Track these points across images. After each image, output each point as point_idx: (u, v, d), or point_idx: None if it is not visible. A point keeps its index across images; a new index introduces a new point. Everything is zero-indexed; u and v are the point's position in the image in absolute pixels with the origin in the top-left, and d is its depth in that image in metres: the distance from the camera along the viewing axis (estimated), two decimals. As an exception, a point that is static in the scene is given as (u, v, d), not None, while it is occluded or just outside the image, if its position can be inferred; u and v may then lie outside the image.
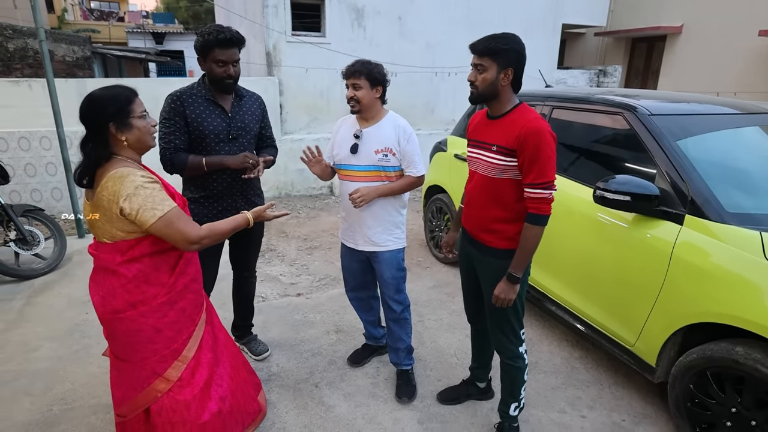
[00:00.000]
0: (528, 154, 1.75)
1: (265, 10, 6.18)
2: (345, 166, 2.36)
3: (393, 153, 2.30)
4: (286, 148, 6.32)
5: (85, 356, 2.77)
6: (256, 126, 2.46)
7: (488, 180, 1.91)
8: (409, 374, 2.59)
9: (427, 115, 7.22)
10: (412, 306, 3.40)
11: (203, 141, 2.28)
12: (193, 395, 1.84)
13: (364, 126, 2.33)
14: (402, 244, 2.47)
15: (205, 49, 2.19)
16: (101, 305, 1.70)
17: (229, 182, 2.36)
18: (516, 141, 1.78)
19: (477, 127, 2.01)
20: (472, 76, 1.85)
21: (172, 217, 1.61)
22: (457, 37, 7.19)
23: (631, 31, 9.78)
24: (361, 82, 2.22)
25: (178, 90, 2.29)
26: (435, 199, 4.27)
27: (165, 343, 1.77)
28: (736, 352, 1.91)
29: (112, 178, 1.58)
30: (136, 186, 1.57)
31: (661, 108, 2.58)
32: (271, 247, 4.60)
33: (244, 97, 2.43)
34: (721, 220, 2.07)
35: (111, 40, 20.12)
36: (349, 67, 2.26)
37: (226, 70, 2.22)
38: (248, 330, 2.86)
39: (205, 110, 2.28)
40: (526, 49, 1.83)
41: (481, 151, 1.92)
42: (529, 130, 1.75)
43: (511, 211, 1.90)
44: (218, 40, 2.17)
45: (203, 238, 1.69)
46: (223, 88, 2.29)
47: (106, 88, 1.65)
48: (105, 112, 1.59)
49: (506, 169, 1.84)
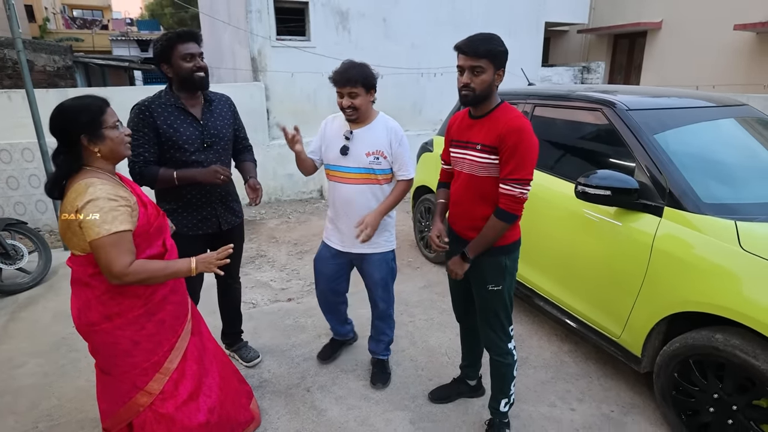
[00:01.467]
0: (507, 150, 1.78)
1: (248, 15, 6.17)
2: (334, 167, 2.34)
3: (384, 156, 2.28)
4: (274, 153, 6.33)
5: (72, 370, 2.74)
6: (229, 131, 2.41)
7: (474, 179, 1.93)
8: (384, 363, 2.69)
9: (414, 115, 7.25)
10: (403, 306, 3.45)
11: (177, 151, 2.22)
12: (176, 407, 1.82)
13: (354, 127, 2.29)
14: (392, 246, 2.47)
15: (168, 50, 2.15)
16: (77, 318, 1.68)
17: (207, 190, 2.32)
18: (498, 138, 1.81)
19: (459, 128, 2.01)
20: (467, 78, 1.81)
21: (106, 242, 1.50)
22: (442, 37, 7.22)
23: (612, 28, 9.92)
24: (357, 90, 2.15)
25: (145, 100, 2.21)
26: (423, 200, 4.30)
27: (144, 356, 1.74)
28: (716, 339, 1.95)
29: (75, 189, 1.55)
30: (90, 199, 1.51)
31: (639, 103, 2.62)
32: (262, 253, 4.59)
33: (213, 102, 2.37)
34: (698, 210, 2.11)
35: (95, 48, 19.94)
36: (341, 74, 2.14)
37: (195, 63, 2.18)
38: (238, 337, 2.85)
39: (177, 119, 2.22)
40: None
41: (466, 151, 1.94)
42: (510, 128, 1.78)
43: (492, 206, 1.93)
44: (178, 34, 2.16)
45: (126, 275, 1.53)
46: (196, 84, 2.22)
47: (77, 99, 1.62)
48: (76, 124, 1.56)
49: (490, 167, 1.87)
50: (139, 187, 1.87)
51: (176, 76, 2.20)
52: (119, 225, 1.53)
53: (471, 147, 1.92)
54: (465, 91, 1.84)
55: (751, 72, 8.12)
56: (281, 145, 6.37)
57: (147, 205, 1.75)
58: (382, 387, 2.58)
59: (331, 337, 2.86)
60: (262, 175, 6.53)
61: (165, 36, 2.18)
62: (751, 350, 1.84)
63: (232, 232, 2.49)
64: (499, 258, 1.98)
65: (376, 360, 2.69)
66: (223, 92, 2.52)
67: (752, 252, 1.90)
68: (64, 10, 29.61)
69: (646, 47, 9.74)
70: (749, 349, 1.85)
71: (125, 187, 1.70)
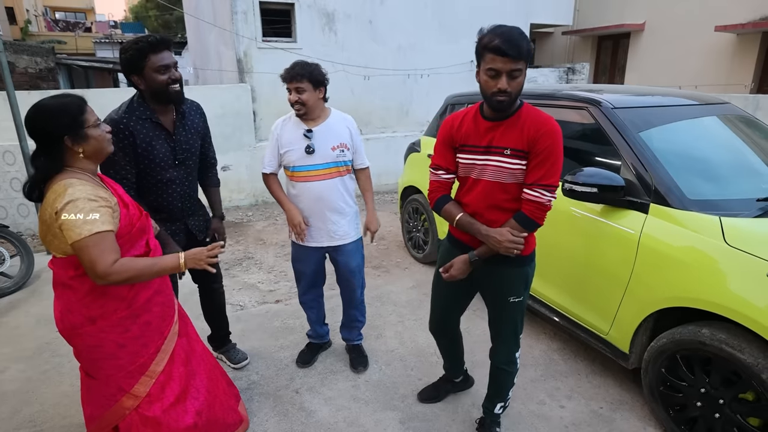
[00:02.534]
0: (541, 154, 1.66)
1: (234, 16, 6.13)
2: (300, 168, 2.35)
3: (347, 148, 2.40)
4: (260, 155, 6.26)
5: (56, 375, 2.68)
6: (198, 142, 2.30)
7: (499, 186, 1.77)
8: (360, 347, 2.80)
9: (401, 117, 7.25)
10: (392, 306, 3.44)
11: (152, 169, 2.11)
12: (163, 410, 1.79)
13: (311, 125, 2.34)
14: (360, 234, 2.58)
15: (139, 61, 1.97)
16: (60, 321, 1.64)
17: (179, 207, 2.26)
18: (529, 142, 1.68)
19: (470, 131, 1.81)
20: (505, 83, 1.60)
21: (89, 243, 1.46)
22: (428, 39, 7.28)
23: (596, 29, 10.08)
24: (304, 86, 2.24)
25: (122, 117, 2.02)
26: (411, 200, 4.29)
27: (130, 358, 1.71)
28: (702, 334, 1.97)
29: (54, 190, 1.50)
30: (69, 200, 1.47)
31: (624, 101, 2.65)
32: (249, 255, 4.55)
33: (185, 114, 2.23)
34: (683, 207, 2.14)
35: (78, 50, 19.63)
36: (288, 71, 2.25)
37: (170, 75, 2.02)
38: (226, 339, 2.81)
39: (153, 135, 2.08)
40: None
41: (490, 157, 1.76)
42: (544, 131, 1.66)
43: None
44: (150, 43, 1.96)
45: (110, 275, 1.48)
46: (170, 97, 2.07)
47: (54, 98, 1.57)
48: (57, 125, 1.51)
49: (519, 172, 1.73)
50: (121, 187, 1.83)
51: (149, 88, 2.03)
52: (101, 225, 1.50)
53: (497, 152, 1.74)
54: (502, 97, 1.64)
55: (732, 72, 8.30)
56: (269, 147, 6.33)
57: (129, 206, 1.72)
58: (363, 370, 2.68)
59: (308, 342, 2.85)
60: (249, 176, 6.49)
61: (134, 44, 1.97)
62: (737, 344, 1.86)
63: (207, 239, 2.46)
64: (524, 268, 1.89)
65: (351, 346, 2.80)
66: (210, 94, 2.48)
67: (736, 247, 1.92)
68: (47, 12, 29.13)
69: (630, 48, 9.90)
70: (735, 342, 1.87)
71: (106, 188, 1.66)
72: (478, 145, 1.79)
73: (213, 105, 5.55)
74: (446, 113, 4.04)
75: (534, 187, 1.69)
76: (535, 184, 1.69)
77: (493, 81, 1.62)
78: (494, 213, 1.81)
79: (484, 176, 1.80)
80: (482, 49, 1.62)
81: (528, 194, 1.71)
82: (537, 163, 1.68)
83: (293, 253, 2.60)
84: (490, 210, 1.81)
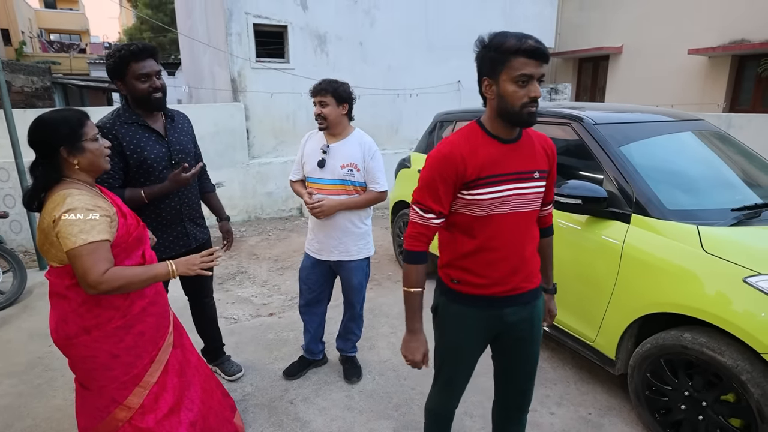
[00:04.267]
0: (553, 168, 1.63)
1: (229, 38, 6.27)
2: (312, 179, 2.48)
3: (358, 168, 2.42)
4: (253, 172, 6.36)
5: (49, 390, 2.68)
6: (191, 145, 2.38)
7: (533, 214, 1.57)
8: (354, 359, 2.85)
9: (391, 135, 7.40)
10: (384, 318, 3.49)
11: (146, 170, 2.15)
12: (156, 421, 1.77)
13: (331, 141, 2.45)
14: (368, 253, 2.60)
15: (121, 68, 2.02)
16: (55, 331, 1.65)
17: (177, 208, 2.30)
18: (548, 159, 1.59)
19: (491, 158, 1.47)
20: (537, 90, 1.39)
21: (83, 251, 1.48)
22: (417, 60, 7.48)
23: (577, 52, 10.51)
24: (327, 100, 2.34)
25: (106, 121, 2.09)
26: (402, 215, 4.38)
27: (123, 369, 1.70)
28: (684, 338, 2.05)
29: (53, 200, 1.54)
30: (67, 209, 1.50)
31: (605, 117, 2.77)
32: (242, 270, 4.58)
33: (174, 117, 2.30)
34: (663, 217, 2.24)
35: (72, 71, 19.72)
36: (315, 85, 2.39)
37: (151, 84, 2.06)
38: (220, 351, 2.83)
39: (142, 138, 2.12)
40: None
41: (520, 184, 1.49)
42: (551, 145, 1.61)
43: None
44: (132, 52, 2.01)
45: (101, 284, 1.49)
46: (152, 105, 2.12)
47: (56, 111, 1.63)
48: (56, 135, 1.55)
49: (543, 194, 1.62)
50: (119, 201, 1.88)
51: (130, 95, 2.08)
52: (96, 235, 1.52)
53: (527, 177, 1.50)
54: (534, 107, 1.39)
55: (704, 93, 8.66)
56: (261, 164, 6.41)
57: (127, 216, 1.75)
58: (357, 381, 2.73)
59: (300, 355, 2.88)
60: (241, 193, 6.56)
61: (118, 51, 2.02)
62: (717, 347, 1.94)
63: (201, 249, 2.49)
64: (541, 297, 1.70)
65: (345, 357, 2.84)
66: (203, 112, 2.55)
67: (713, 254, 2.02)
68: (42, 34, 29.32)
69: (609, 70, 10.33)
70: (715, 345, 1.95)
71: (104, 198, 1.70)
72: (505, 173, 1.47)
73: (207, 123, 5.64)
74: (435, 131, 4.16)
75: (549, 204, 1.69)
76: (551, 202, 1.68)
77: (524, 90, 1.36)
78: (530, 246, 1.58)
79: (521, 207, 1.51)
80: (506, 55, 1.35)
81: (548, 210, 1.70)
82: (551, 178, 1.63)
83: (302, 262, 2.69)
84: (527, 245, 1.56)
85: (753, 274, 1.90)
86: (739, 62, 8.47)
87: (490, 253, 1.51)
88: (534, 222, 1.59)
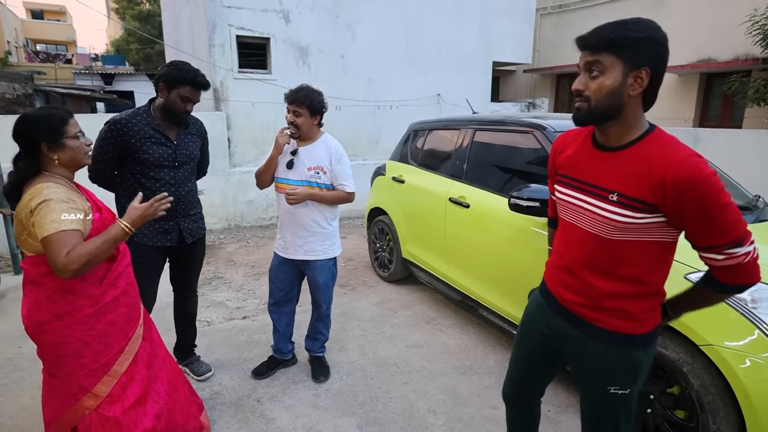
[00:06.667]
0: (692, 212, 1.16)
1: (212, 48, 6.38)
2: (281, 180, 2.58)
3: (324, 171, 2.53)
4: (234, 180, 6.41)
5: (16, 389, 2.68)
6: (197, 150, 2.55)
7: (601, 241, 1.30)
8: (322, 359, 2.90)
9: (372, 146, 7.53)
10: (356, 322, 3.55)
11: (144, 168, 2.31)
12: (123, 411, 1.81)
13: (300, 145, 2.56)
14: (334, 254, 2.67)
15: (176, 82, 2.24)
16: (27, 317, 1.71)
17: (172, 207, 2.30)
18: (658, 190, 1.18)
19: (574, 157, 1.38)
20: (581, 83, 1.26)
21: (54, 239, 1.56)
22: (397, 73, 7.66)
23: (554, 68, 10.87)
24: (302, 111, 2.44)
25: (122, 117, 2.28)
26: (377, 221, 4.46)
27: (93, 356, 1.76)
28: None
29: (31, 192, 1.62)
30: (43, 200, 1.59)
31: (565, 125, 2.90)
32: (219, 275, 4.61)
33: (189, 125, 2.49)
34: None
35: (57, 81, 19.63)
36: (293, 93, 2.45)
37: (186, 107, 2.31)
38: (191, 351, 2.86)
39: (150, 138, 2.30)
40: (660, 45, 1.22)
41: (589, 198, 1.31)
42: (684, 179, 1.14)
43: (641, 285, 1.30)
44: (196, 82, 2.27)
45: (69, 264, 1.56)
46: (176, 120, 2.36)
47: (41, 109, 1.72)
48: (37, 131, 1.65)
49: (635, 229, 1.24)
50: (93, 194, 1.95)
51: (165, 104, 2.30)
52: (68, 225, 1.60)
53: (598, 194, 1.29)
54: (578, 103, 1.27)
55: (675, 108, 9.02)
56: (241, 173, 6.47)
57: (102, 210, 1.84)
58: (324, 380, 2.78)
59: (270, 355, 2.93)
60: (222, 201, 6.58)
61: (186, 69, 2.26)
62: (662, 341, 2.04)
63: (194, 244, 2.58)
64: (632, 351, 1.34)
65: (313, 357, 2.90)
66: None
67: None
68: (27, 44, 29.19)
69: (585, 86, 10.64)
70: (660, 340, 2.04)
71: (80, 193, 1.78)
72: (576, 179, 1.35)
73: (188, 131, 5.71)
74: (409, 140, 4.28)
75: (710, 251, 1.22)
76: (709, 248, 1.21)
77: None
78: (598, 278, 1.33)
79: (581, 224, 1.35)
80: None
81: (706, 258, 1.24)
82: (695, 224, 1.19)
83: (272, 261, 2.76)
84: (591, 272, 1.34)
85: (693, 271, 2.01)
86: (707, 80, 8.83)
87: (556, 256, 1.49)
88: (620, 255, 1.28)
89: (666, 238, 1.27)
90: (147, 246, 2.37)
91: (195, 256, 2.67)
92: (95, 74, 18.17)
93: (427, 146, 4.01)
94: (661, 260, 1.30)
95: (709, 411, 1.91)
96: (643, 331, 1.34)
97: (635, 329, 1.33)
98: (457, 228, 3.32)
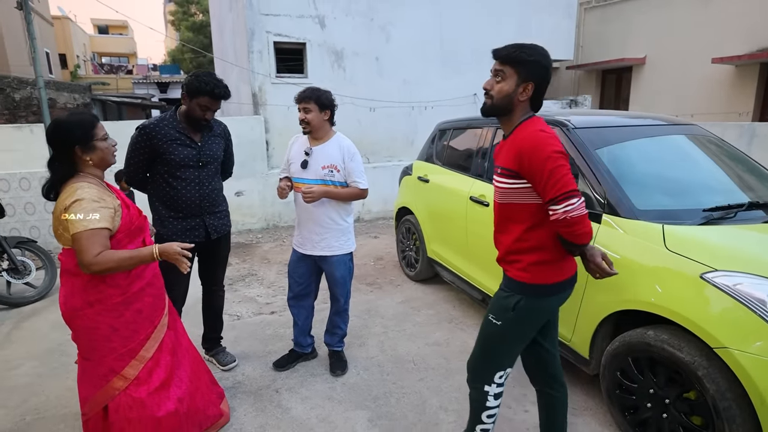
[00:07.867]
0: (534, 174, 1.58)
1: (250, 55, 6.66)
2: (297, 179, 2.69)
3: (338, 169, 2.61)
4: (272, 182, 6.63)
5: (63, 372, 2.94)
6: (221, 151, 2.71)
7: (498, 206, 1.80)
8: (340, 353, 2.98)
9: (407, 146, 7.56)
10: (379, 319, 3.61)
11: (171, 168, 2.49)
12: (148, 393, 1.98)
13: (314, 144, 2.65)
14: (349, 249, 2.76)
15: (196, 92, 2.40)
16: (63, 304, 1.90)
17: (197, 204, 2.58)
18: (515, 160, 1.62)
19: (497, 150, 1.84)
20: (488, 84, 1.69)
21: (83, 236, 1.73)
22: (431, 74, 7.65)
23: (599, 64, 10.41)
24: (310, 106, 2.55)
25: (150, 122, 2.49)
26: (404, 221, 4.50)
27: (121, 341, 1.93)
28: (648, 335, 2.08)
29: (66, 191, 1.80)
30: (76, 199, 1.75)
31: (585, 122, 2.84)
32: (253, 272, 4.81)
33: (213, 128, 2.64)
34: (632, 216, 2.28)
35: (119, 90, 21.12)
36: (300, 93, 2.60)
37: (205, 114, 2.46)
38: (217, 342, 3.03)
39: (175, 141, 2.48)
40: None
41: (495, 176, 1.78)
42: (526, 147, 1.58)
43: (524, 242, 1.72)
44: (213, 93, 2.41)
45: (93, 264, 1.73)
46: (196, 126, 2.53)
47: (71, 115, 1.89)
48: (72, 136, 1.83)
49: (510, 192, 1.70)
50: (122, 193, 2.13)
51: (187, 111, 2.49)
52: (97, 223, 1.77)
53: (496, 171, 1.78)
54: (485, 99, 1.72)
55: (730, 102, 8.41)
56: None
57: (130, 207, 2.02)
58: (341, 374, 2.85)
59: (291, 348, 3.03)
60: (260, 202, 6.83)
61: (205, 81, 2.40)
62: (677, 344, 1.97)
63: (219, 240, 2.75)
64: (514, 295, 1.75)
65: (331, 351, 2.98)
66: (227, 125, 2.82)
67: (675, 251, 2.06)
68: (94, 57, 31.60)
69: (633, 81, 10.17)
70: (675, 342, 1.97)
71: (110, 192, 1.96)
72: (495, 165, 1.81)
73: (229, 135, 6.01)
74: (436, 139, 4.29)
75: (548, 205, 1.60)
76: (552, 200, 1.57)
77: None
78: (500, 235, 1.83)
79: (495, 196, 1.81)
80: None
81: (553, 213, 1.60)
82: (537, 183, 1.60)
83: (290, 257, 2.88)
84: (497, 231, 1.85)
85: (709, 270, 1.92)
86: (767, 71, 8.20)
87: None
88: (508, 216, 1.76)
89: (534, 200, 1.65)
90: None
91: (220, 251, 2.82)
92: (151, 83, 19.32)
93: (451, 145, 4.01)
94: (535, 221, 1.68)
95: (725, 417, 1.82)
96: (533, 282, 1.71)
97: (527, 279, 1.71)
98: (478, 227, 3.31)
